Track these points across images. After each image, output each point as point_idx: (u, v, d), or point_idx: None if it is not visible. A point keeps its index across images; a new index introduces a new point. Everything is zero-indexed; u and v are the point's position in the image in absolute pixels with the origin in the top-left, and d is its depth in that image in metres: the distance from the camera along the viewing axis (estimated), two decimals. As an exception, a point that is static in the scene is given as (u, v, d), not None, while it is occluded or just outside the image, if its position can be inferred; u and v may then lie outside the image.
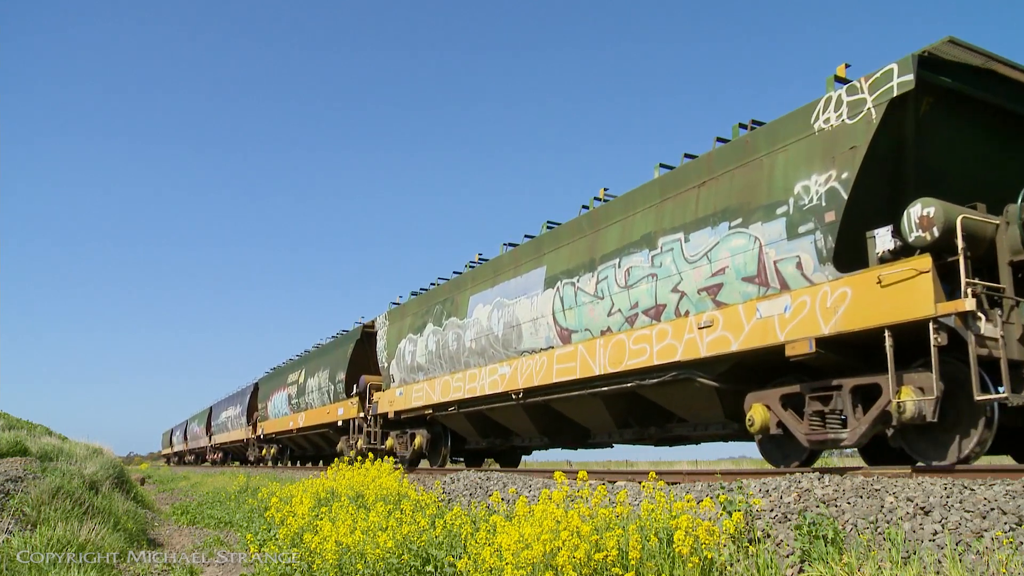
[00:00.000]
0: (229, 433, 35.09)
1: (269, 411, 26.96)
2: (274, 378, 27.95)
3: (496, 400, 11.92)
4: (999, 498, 4.36)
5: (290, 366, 25.81)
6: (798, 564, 4.33)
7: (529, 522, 4.08)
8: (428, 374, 14.14)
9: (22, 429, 16.45)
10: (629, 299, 9.00)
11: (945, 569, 3.80)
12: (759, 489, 5.77)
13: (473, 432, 13.79)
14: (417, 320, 15.02)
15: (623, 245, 9.29)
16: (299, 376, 23.64)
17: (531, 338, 10.91)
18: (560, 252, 10.71)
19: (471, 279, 13.25)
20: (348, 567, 5.25)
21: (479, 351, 12.25)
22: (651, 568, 3.96)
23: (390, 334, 16.46)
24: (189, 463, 49.26)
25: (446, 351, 13.42)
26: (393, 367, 15.77)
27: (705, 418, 9.05)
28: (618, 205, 9.75)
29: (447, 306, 13.83)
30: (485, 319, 12.18)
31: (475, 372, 12.39)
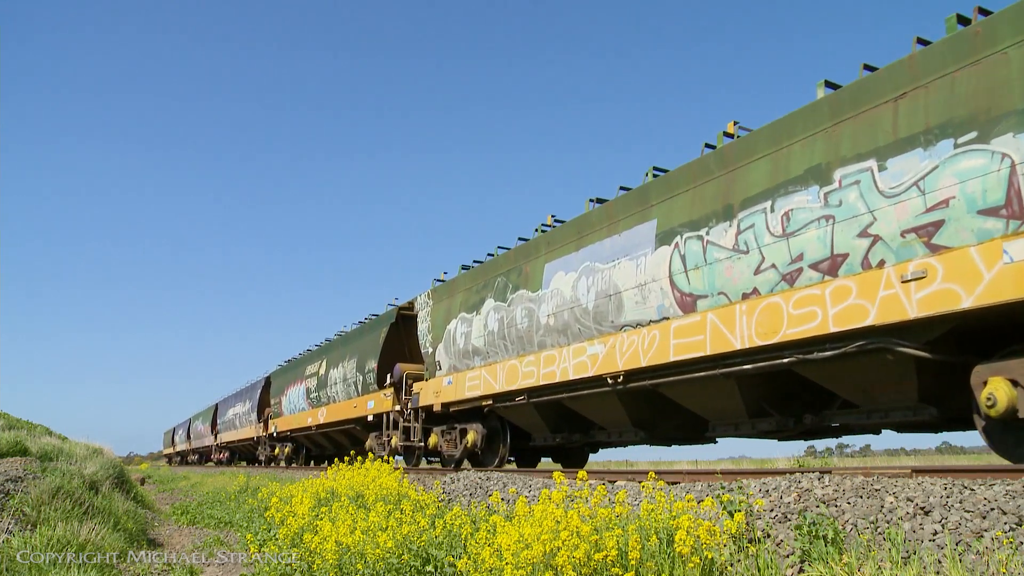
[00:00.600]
0: (237, 431, 33.05)
1: (283, 407, 24.91)
2: (289, 371, 25.68)
3: (581, 386, 10.09)
4: (999, 498, 4.36)
5: (308, 357, 23.60)
6: (798, 564, 4.33)
7: (529, 522, 4.09)
8: (487, 358, 12.20)
9: (22, 429, 16.43)
10: (788, 251, 7.23)
11: (945, 569, 3.80)
12: (759, 489, 5.77)
13: (542, 426, 11.81)
14: (472, 296, 13.02)
15: (777, 184, 7.52)
16: (319, 367, 21.56)
17: (636, 308, 9.02)
18: (677, 201, 8.79)
19: (546, 244, 11.26)
20: (348, 567, 5.25)
21: (559, 328, 10.36)
22: (651, 568, 3.96)
23: (435, 315, 14.40)
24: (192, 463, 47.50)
25: (512, 330, 11.46)
26: (440, 352, 13.81)
27: (887, 401, 7.23)
28: (764, 136, 7.90)
29: (513, 277, 11.85)
30: (568, 289, 10.25)
31: (553, 354, 10.47)
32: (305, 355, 24.36)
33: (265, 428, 27.73)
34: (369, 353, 17.44)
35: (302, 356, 24.83)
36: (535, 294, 11.04)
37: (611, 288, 9.43)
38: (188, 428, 49.55)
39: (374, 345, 17.23)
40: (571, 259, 10.45)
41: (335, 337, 21.71)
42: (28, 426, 20.60)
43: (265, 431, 27.71)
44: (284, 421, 24.63)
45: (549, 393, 10.82)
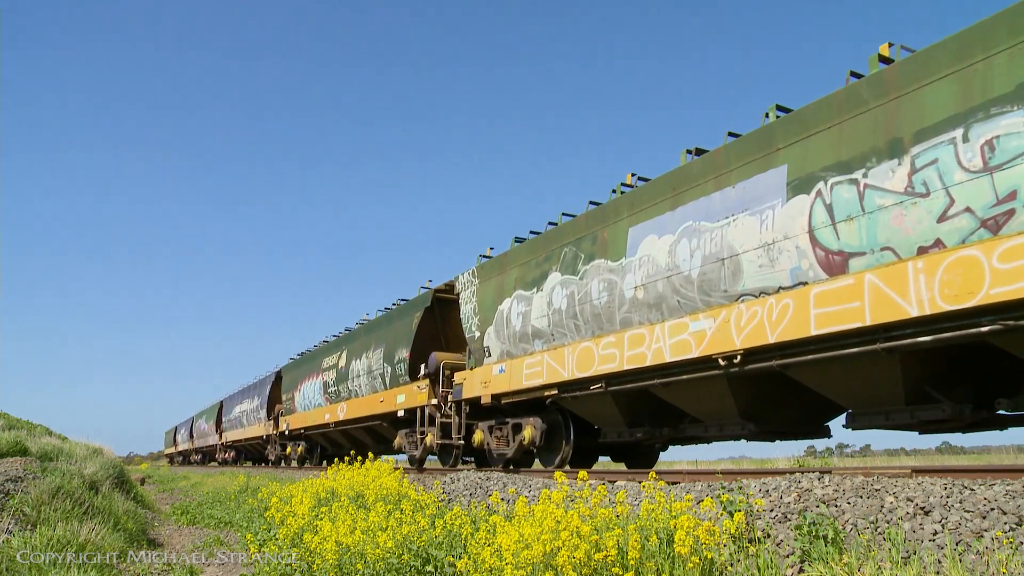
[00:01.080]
0: (244, 430, 31.17)
1: (296, 403, 23.13)
2: (302, 364, 23.71)
3: (679, 371, 8.55)
4: (999, 498, 4.36)
5: (325, 349, 21.57)
6: (798, 564, 4.33)
7: (529, 522, 4.09)
8: (552, 341, 10.64)
9: (22, 429, 16.43)
10: (994, 189, 5.79)
11: (945, 569, 3.80)
12: (759, 489, 5.77)
13: (618, 419, 10.11)
14: (531, 271, 11.38)
15: (972, 107, 6.02)
16: (338, 359, 19.77)
17: (759, 274, 7.53)
18: (816, 141, 7.26)
19: (629, 206, 9.55)
20: (348, 567, 5.25)
21: (651, 302, 8.83)
22: (651, 568, 3.96)
23: (483, 294, 12.70)
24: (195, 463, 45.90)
25: (586, 307, 9.87)
26: (489, 336, 12.22)
27: None
28: (947, 51, 6.33)
29: (586, 246, 10.18)
30: (663, 255, 8.69)
31: (642, 332, 8.86)
32: (321, 347, 22.32)
33: (275, 426, 25.94)
34: (400, 341, 15.65)
35: (318, 348, 22.84)
36: (616, 263, 9.40)
37: (723, 251, 7.88)
38: (191, 427, 47.96)
39: (406, 332, 15.39)
40: (665, 220, 8.78)
41: (357, 326, 19.82)
42: (28, 426, 20.60)
43: (275, 429, 25.92)
44: (297, 418, 22.90)
45: (634, 380, 9.18)
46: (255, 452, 31.80)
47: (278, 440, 25.69)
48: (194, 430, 46.26)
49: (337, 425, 19.42)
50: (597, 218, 10.20)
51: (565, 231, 10.89)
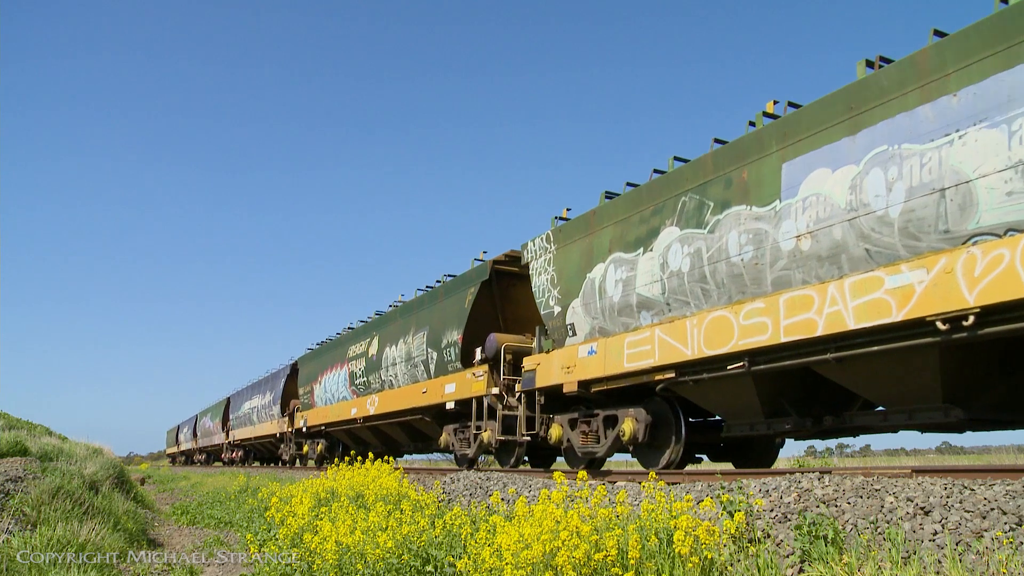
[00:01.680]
0: (254, 427, 28.80)
1: (316, 397, 20.86)
2: (323, 354, 21.21)
3: (864, 340, 6.66)
4: (999, 498, 4.36)
5: (351, 336, 19.14)
6: (798, 564, 4.33)
7: (529, 522, 4.09)
8: (666, 312, 8.69)
9: (22, 429, 16.45)
10: None
11: (945, 569, 3.80)
12: (759, 489, 5.77)
13: (754, 407, 8.19)
14: (634, 228, 9.30)
15: None
16: (368, 347, 17.36)
17: (1005, 204, 5.80)
18: None
19: (780, 135, 7.55)
20: (348, 567, 5.25)
21: (823, 253, 6.91)
22: (651, 568, 3.96)
23: (563, 262, 10.67)
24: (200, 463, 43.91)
25: (720, 267, 7.95)
26: (574, 311, 10.23)
27: None
28: None
29: (715, 192, 8.19)
30: (841, 192, 6.79)
31: (808, 294, 6.97)
32: (347, 333, 19.85)
33: (291, 423, 23.56)
34: (449, 322, 13.47)
35: (342, 335, 20.36)
36: (766, 209, 7.53)
37: (942, 179, 6.16)
38: (195, 425, 45.73)
39: (457, 312, 13.24)
40: (842, 148, 6.97)
41: (391, 308, 17.37)
42: (28, 426, 20.62)
43: (290, 426, 23.56)
44: (317, 414, 20.61)
45: (792, 355, 7.28)
46: (266, 451, 29.93)
47: (293, 438, 23.51)
48: (198, 428, 44.25)
49: (366, 421, 17.25)
50: (732, 156, 8.15)
51: (682, 176, 8.75)
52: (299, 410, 22.69)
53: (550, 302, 10.92)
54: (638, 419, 9.35)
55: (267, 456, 30.56)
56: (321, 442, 21.64)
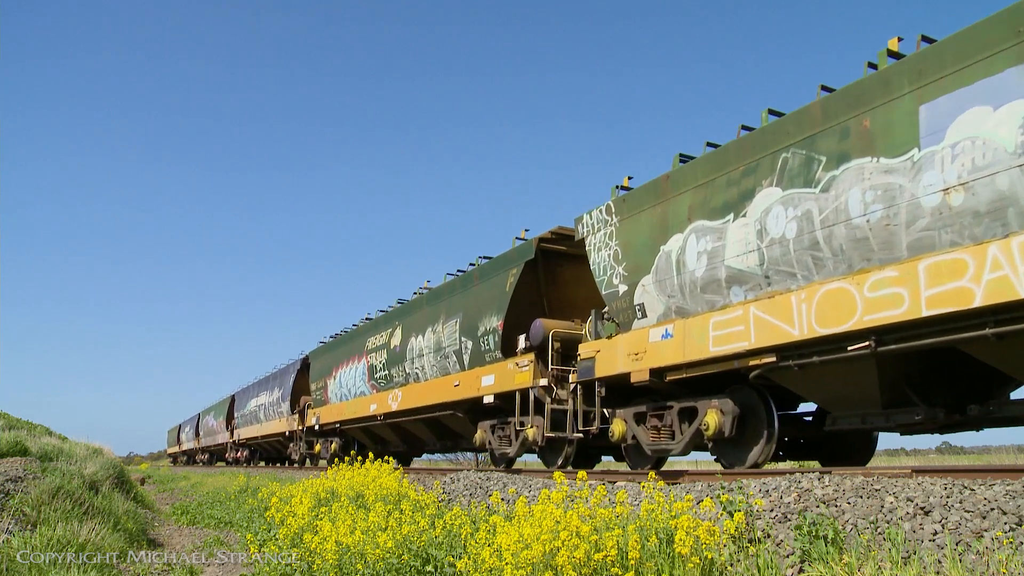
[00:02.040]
0: (261, 426, 27.39)
1: (330, 393, 19.61)
2: (338, 347, 19.87)
3: None
4: (999, 498, 4.36)
5: (370, 326, 17.72)
6: (798, 564, 4.33)
7: (529, 522, 4.09)
8: (765, 287, 7.51)
9: (22, 429, 16.45)
10: None
11: (945, 569, 3.80)
12: (759, 489, 5.77)
13: (872, 395, 7.06)
14: (719, 192, 8.09)
15: None
16: (389, 337, 16.00)
17: None
18: None
19: (915, 73, 6.36)
20: (348, 567, 5.25)
21: (982, 208, 5.74)
22: (651, 568, 3.96)
23: (629, 234, 9.35)
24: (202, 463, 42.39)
25: (837, 231, 6.74)
26: (645, 290, 8.99)
27: None
28: None
29: (828, 144, 6.98)
30: (1010, 133, 5.60)
31: (959, 258, 5.82)
32: (365, 324, 18.31)
33: (301, 420, 22.29)
34: (487, 308, 12.10)
35: (360, 326, 18.74)
36: (900, 160, 6.32)
37: None
38: (197, 424, 44.36)
39: (497, 295, 11.86)
40: (1006, 81, 5.69)
41: (417, 295, 15.65)
42: (28, 426, 20.62)
43: (301, 424, 22.30)
44: (331, 411, 19.28)
45: (936, 331, 6.13)
46: (274, 451, 28.47)
47: (303, 437, 22.09)
48: (201, 427, 42.87)
49: (387, 417, 15.75)
50: (847, 103, 6.95)
51: (782, 130, 7.60)
52: (311, 407, 21.25)
53: (613, 280, 9.54)
54: (724, 411, 8.13)
55: (274, 456, 29.41)
56: (335, 441, 20.00)
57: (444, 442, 15.55)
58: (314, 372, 21.61)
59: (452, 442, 15.41)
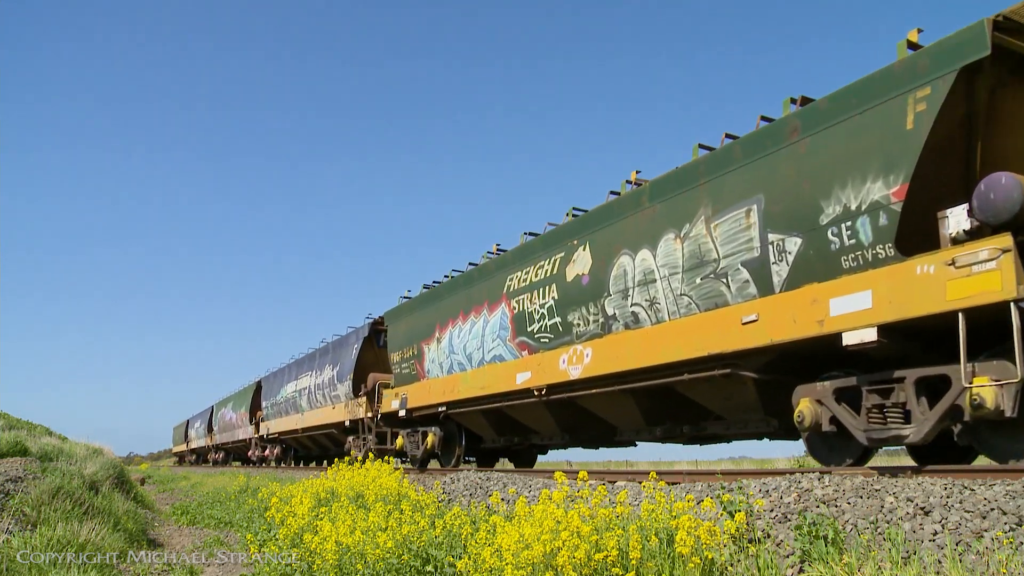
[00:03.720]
0: (302, 416, 21.89)
1: (428, 363, 13.65)
2: (441, 299, 13.59)
3: None
4: (999, 498, 4.37)
5: (510, 259, 11.60)
6: (798, 564, 4.33)
7: (529, 522, 4.09)
8: None
9: (22, 429, 16.45)
10: None
11: (945, 569, 3.80)
12: (759, 489, 5.77)
13: None
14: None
15: None
16: (559, 266, 10.11)
17: None
18: None
19: None
20: (348, 567, 5.25)
21: None
22: (651, 568, 3.96)
23: None
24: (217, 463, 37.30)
25: None
26: None
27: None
28: None
29: None
30: None
31: None
32: (498, 258, 12.05)
33: (371, 405, 16.62)
34: (848, 165, 6.25)
35: (484, 264, 12.44)
36: None
37: None
38: (210, 418, 38.88)
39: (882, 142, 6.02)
40: None
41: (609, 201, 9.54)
42: (28, 426, 20.63)
43: (370, 410, 16.66)
44: (429, 389, 13.48)
45: None
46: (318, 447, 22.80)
47: (374, 427, 16.61)
48: (215, 422, 37.22)
49: (551, 392, 10.14)
50: None
51: None
52: (390, 386, 15.71)
53: None
54: None
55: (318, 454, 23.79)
56: (432, 431, 13.99)
57: (678, 425, 9.39)
58: (393, 339, 15.66)
59: (693, 426, 9.26)
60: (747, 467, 17.60)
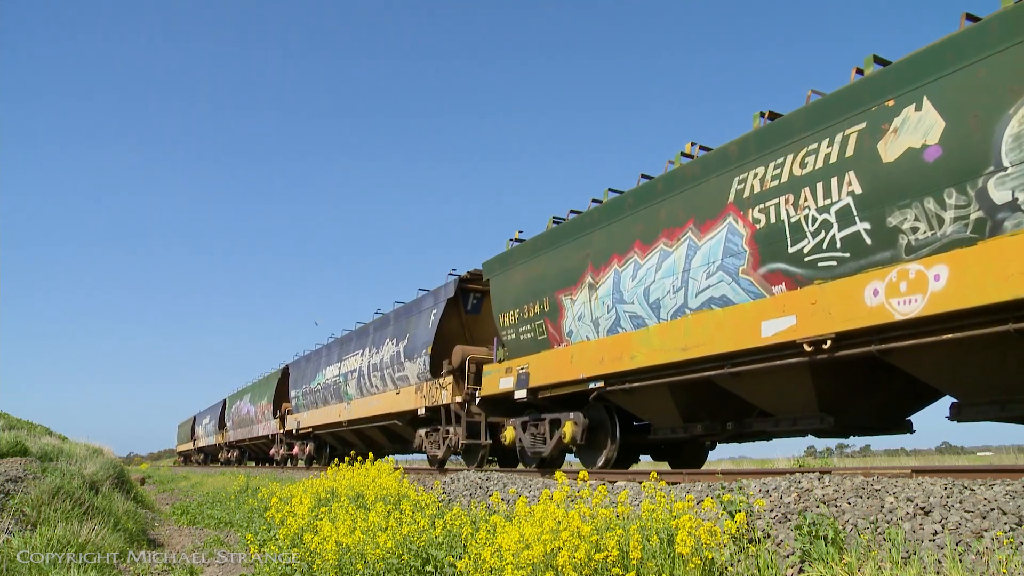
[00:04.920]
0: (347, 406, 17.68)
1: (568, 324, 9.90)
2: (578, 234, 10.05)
3: None
4: (999, 498, 4.37)
5: (726, 156, 7.83)
6: (798, 564, 4.34)
7: (529, 522, 4.09)
8: None
9: (22, 429, 16.45)
10: None
11: (945, 569, 3.81)
12: (759, 489, 5.77)
13: None
14: None
15: None
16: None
17: None
18: None
19: None
20: (348, 567, 5.25)
21: None
22: (652, 568, 3.96)
23: None
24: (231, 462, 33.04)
25: None
26: None
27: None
28: None
29: None
30: None
31: None
32: (770, 128, 7.45)
33: (459, 388, 12.69)
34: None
35: (732, 143, 7.86)
36: None
37: None
38: (222, 413, 35.16)
39: None
40: None
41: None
42: (28, 426, 20.62)
43: (458, 393, 12.68)
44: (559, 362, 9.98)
45: None
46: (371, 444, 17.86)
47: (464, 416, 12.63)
48: (227, 417, 33.44)
49: (848, 341, 6.47)
50: None
51: None
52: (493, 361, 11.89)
53: None
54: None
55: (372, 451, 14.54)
56: (571, 419, 10.08)
57: None
58: (502, 296, 11.56)
59: None
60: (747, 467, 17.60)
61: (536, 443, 11.02)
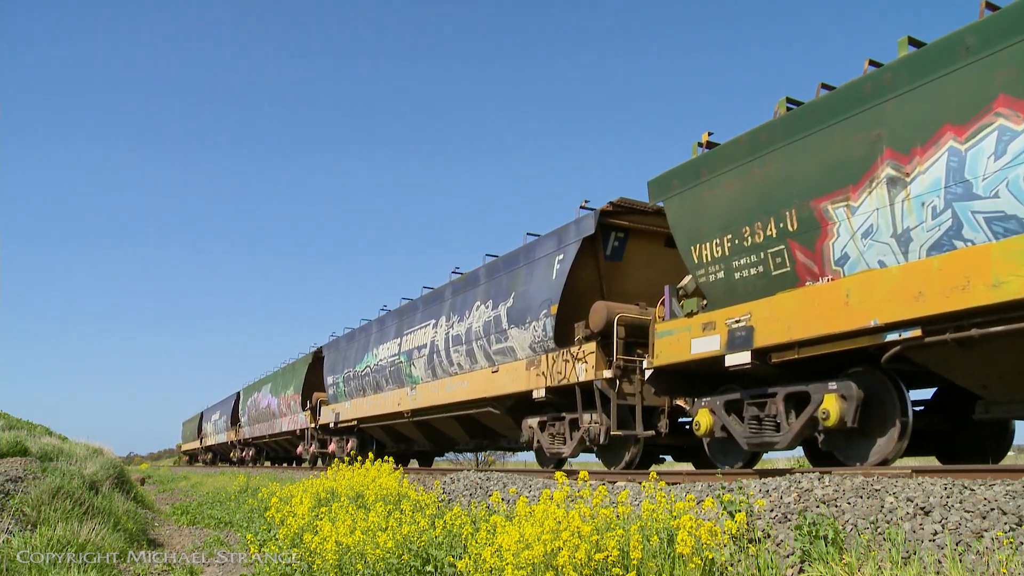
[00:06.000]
0: (412, 392, 14.27)
1: (844, 243, 6.51)
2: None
3: None
4: (999, 498, 4.37)
5: None
6: (798, 564, 4.34)
7: (530, 522, 4.09)
8: None
9: (22, 429, 16.47)
10: None
11: (945, 569, 3.81)
12: (759, 489, 5.77)
13: None
14: None
15: None
16: None
17: None
18: None
19: None
20: (348, 567, 5.26)
21: None
22: (652, 568, 3.97)
23: None
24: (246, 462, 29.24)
25: None
26: None
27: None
28: None
29: None
30: None
31: None
32: None
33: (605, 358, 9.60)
34: None
35: None
36: None
37: None
38: (235, 407, 31.01)
39: None
40: None
41: None
42: (28, 426, 20.63)
43: (604, 366, 9.56)
44: (821, 305, 6.60)
45: None
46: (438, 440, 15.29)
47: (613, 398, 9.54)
48: (242, 411, 29.19)
49: None
50: None
51: None
52: (718, 304, 7.90)
53: None
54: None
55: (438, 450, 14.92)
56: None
57: None
58: (691, 221, 8.26)
59: None
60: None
61: (762, 430, 7.65)
